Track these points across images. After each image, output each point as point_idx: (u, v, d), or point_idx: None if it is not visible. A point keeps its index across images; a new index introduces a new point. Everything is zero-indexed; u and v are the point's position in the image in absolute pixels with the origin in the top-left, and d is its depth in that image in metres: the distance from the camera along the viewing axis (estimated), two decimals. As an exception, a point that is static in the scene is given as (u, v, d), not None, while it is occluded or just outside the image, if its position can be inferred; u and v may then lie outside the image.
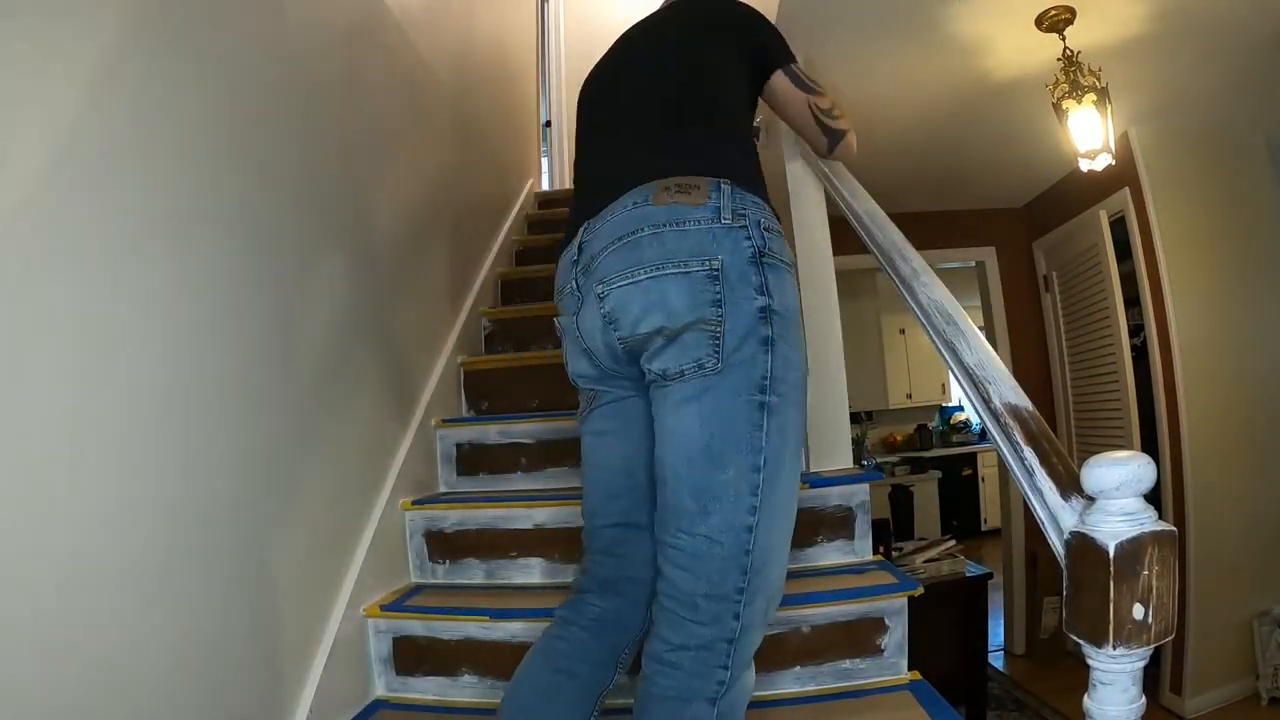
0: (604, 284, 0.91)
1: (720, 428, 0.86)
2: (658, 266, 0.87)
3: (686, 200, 0.89)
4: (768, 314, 0.88)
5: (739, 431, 0.86)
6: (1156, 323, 2.69)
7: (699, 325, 0.86)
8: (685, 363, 0.87)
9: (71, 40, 0.84)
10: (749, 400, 0.86)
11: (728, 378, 0.86)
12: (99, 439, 0.85)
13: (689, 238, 0.87)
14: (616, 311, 0.90)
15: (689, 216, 0.88)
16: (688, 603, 0.86)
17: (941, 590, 2.44)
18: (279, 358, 1.24)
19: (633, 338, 0.90)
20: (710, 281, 0.86)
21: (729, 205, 0.89)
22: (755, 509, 0.86)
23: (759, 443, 0.86)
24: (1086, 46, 1.98)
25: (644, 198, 0.91)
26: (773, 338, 0.88)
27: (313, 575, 1.31)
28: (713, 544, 0.85)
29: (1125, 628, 0.61)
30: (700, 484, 0.86)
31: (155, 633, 0.92)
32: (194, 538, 1.00)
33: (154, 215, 0.96)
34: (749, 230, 0.89)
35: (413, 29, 2.00)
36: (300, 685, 1.22)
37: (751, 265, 0.88)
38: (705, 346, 0.86)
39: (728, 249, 0.87)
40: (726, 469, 0.86)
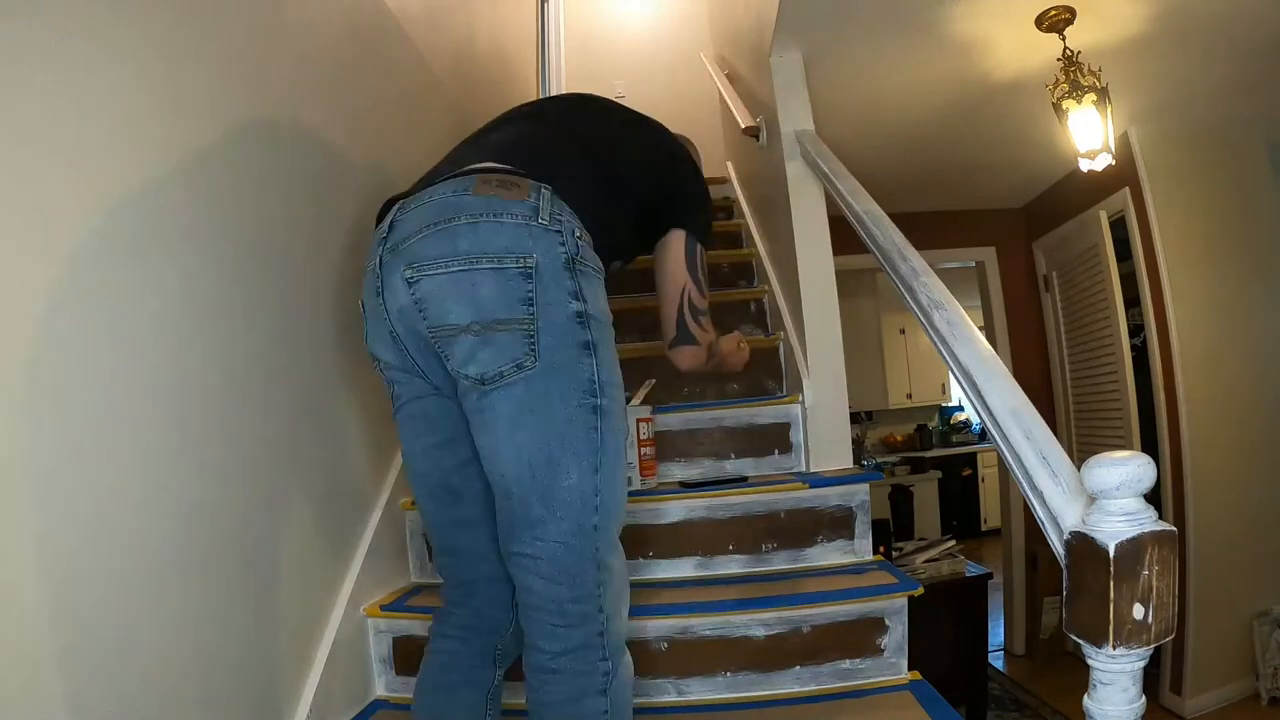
0: (413, 269, 0.87)
1: (558, 434, 0.87)
2: (472, 259, 0.85)
3: (505, 194, 0.88)
4: (584, 319, 0.89)
5: (577, 436, 0.87)
6: (1156, 323, 2.69)
7: (511, 324, 0.85)
8: (502, 364, 0.85)
9: (68, 39, 0.84)
10: (581, 404, 0.88)
11: (554, 382, 0.87)
12: (99, 440, 0.85)
13: (504, 232, 0.86)
14: (426, 300, 0.87)
15: (506, 210, 0.87)
16: (556, 610, 0.88)
17: (941, 590, 2.44)
18: (279, 360, 1.24)
19: (441, 329, 0.87)
20: (523, 279, 0.85)
21: (548, 209, 0.89)
22: (598, 508, 0.89)
23: (595, 443, 0.89)
24: (1086, 46, 1.98)
25: (464, 187, 0.89)
26: (593, 341, 0.89)
27: (313, 575, 1.30)
28: (568, 549, 0.88)
29: (1125, 628, 0.61)
30: (545, 491, 0.87)
31: (156, 633, 0.92)
32: (194, 539, 1.00)
33: (154, 216, 0.96)
34: (564, 236, 0.89)
35: (413, 29, 2.00)
36: (300, 685, 1.22)
37: (565, 270, 0.88)
38: (520, 346, 0.85)
39: (542, 249, 0.86)
40: (570, 474, 0.87)
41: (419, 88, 2.04)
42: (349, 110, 1.57)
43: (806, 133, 1.82)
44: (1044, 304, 3.55)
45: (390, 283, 0.90)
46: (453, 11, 2.45)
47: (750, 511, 1.58)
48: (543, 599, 0.89)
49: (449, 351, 0.88)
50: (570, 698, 0.87)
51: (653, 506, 1.59)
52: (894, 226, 1.29)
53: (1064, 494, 0.74)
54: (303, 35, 1.39)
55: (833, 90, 2.13)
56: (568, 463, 0.87)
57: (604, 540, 0.91)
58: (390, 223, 0.93)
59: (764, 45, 1.97)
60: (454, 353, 0.87)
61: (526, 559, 0.89)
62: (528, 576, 0.89)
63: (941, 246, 3.46)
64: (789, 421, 1.81)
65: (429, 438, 1.00)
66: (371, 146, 1.68)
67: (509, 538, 0.91)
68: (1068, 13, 1.86)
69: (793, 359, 1.88)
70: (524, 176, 0.91)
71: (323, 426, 1.37)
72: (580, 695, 0.87)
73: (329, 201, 1.46)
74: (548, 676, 0.88)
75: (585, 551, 0.89)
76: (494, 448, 0.89)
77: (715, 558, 1.58)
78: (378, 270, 0.93)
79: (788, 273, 1.95)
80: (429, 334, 0.89)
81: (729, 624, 1.37)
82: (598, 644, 0.89)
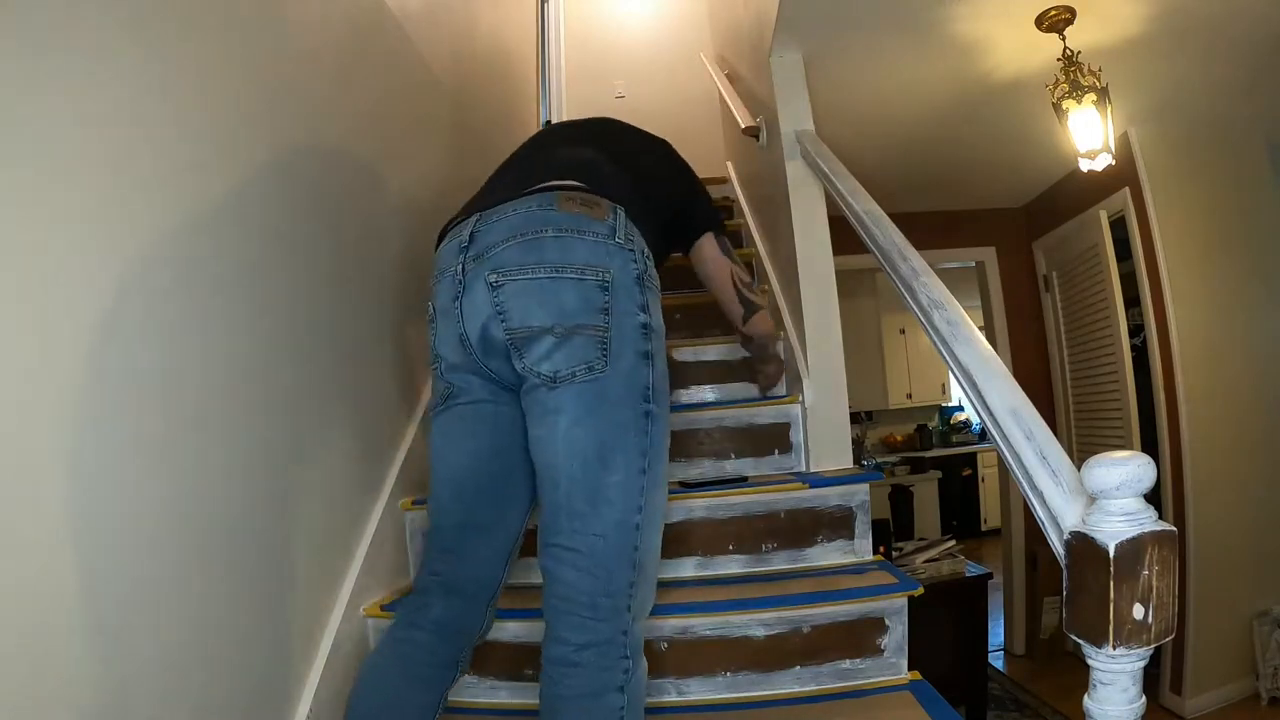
0: (500, 274, 0.94)
1: (611, 433, 0.93)
2: (557, 269, 0.93)
3: (589, 213, 0.96)
4: (648, 330, 0.97)
5: (628, 437, 0.93)
6: (1156, 323, 2.69)
7: (588, 329, 0.92)
8: (575, 364, 0.92)
9: (64, 37, 0.84)
10: (635, 409, 0.94)
11: (614, 385, 0.93)
12: (98, 440, 0.85)
13: (587, 247, 0.94)
14: (509, 303, 0.93)
15: (590, 228, 0.95)
16: (588, 603, 0.91)
17: (941, 590, 2.44)
18: (279, 361, 1.24)
19: (520, 330, 0.93)
20: (601, 291, 0.93)
21: (623, 229, 0.97)
22: (641, 508, 0.94)
23: (644, 446, 0.95)
24: (1086, 46, 1.98)
25: (548, 202, 0.97)
26: (651, 353, 0.97)
27: (313, 575, 1.30)
28: (607, 543, 0.92)
29: (1125, 628, 0.61)
30: (593, 486, 0.92)
31: (155, 632, 0.91)
32: (194, 539, 1.00)
33: (152, 216, 0.96)
34: (635, 254, 0.97)
35: (414, 29, 2.00)
36: (300, 685, 1.22)
37: (636, 284, 0.96)
38: (593, 350, 0.92)
39: (618, 265, 0.95)
40: (616, 471, 0.92)
41: (419, 87, 2.04)
42: (348, 109, 1.57)
43: (806, 133, 1.82)
44: (1044, 304, 3.55)
45: (473, 286, 0.97)
46: (453, 11, 2.45)
47: (750, 511, 1.58)
48: (575, 591, 0.91)
49: (525, 350, 0.94)
50: (590, 692, 0.89)
51: (653, 506, 1.59)
52: (894, 226, 1.29)
53: (1064, 494, 0.74)
54: (303, 34, 1.39)
55: (833, 90, 2.13)
56: (617, 461, 0.92)
57: (643, 541, 0.94)
58: (471, 233, 0.99)
59: (764, 45, 1.97)
60: (530, 351, 0.94)
61: (566, 551, 0.93)
62: (563, 568, 0.93)
63: (941, 246, 3.46)
64: (789, 421, 1.81)
65: (473, 440, 1.04)
66: (372, 147, 1.68)
67: (551, 530, 0.95)
68: (1068, 13, 1.86)
69: (793, 359, 1.88)
70: (602, 196, 0.99)
71: (323, 427, 1.37)
72: (601, 690, 0.89)
73: (331, 205, 1.46)
74: (569, 670, 0.90)
75: (624, 548, 0.92)
76: (551, 440, 0.94)
77: (715, 558, 1.58)
78: (460, 276, 0.98)
79: (788, 273, 1.95)
80: (505, 335, 0.95)
81: (729, 624, 1.37)
82: (622, 641, 0.92)
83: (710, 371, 2.03)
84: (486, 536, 1.05)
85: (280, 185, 1.28)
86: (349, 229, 1.53)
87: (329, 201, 1.45)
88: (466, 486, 1.05)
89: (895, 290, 1.22)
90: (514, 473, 1.04)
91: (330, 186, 1.47)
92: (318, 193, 1.41)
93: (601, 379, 0.92)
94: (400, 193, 1.84)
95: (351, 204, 1.56)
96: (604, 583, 0.91)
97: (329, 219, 1.45)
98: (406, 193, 1.88)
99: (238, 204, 1.15)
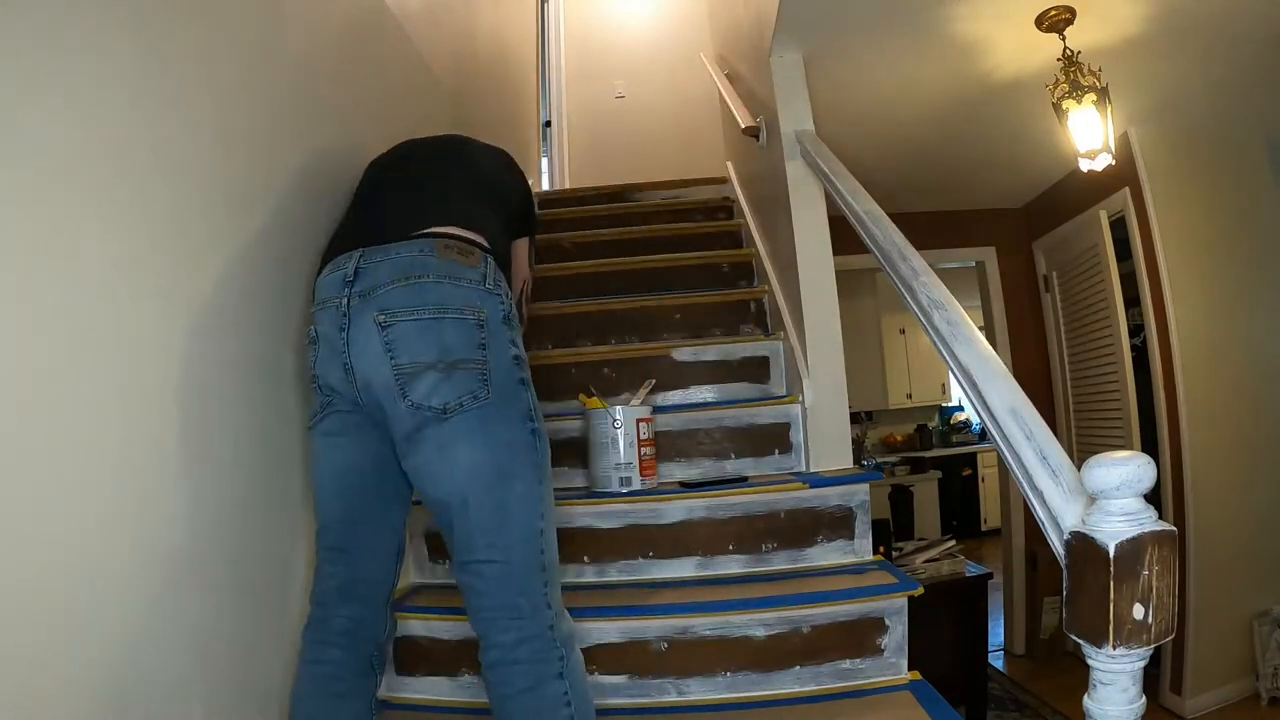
0: (387, 314, 1.03)
1: (506, 454, 1.04)
2: (439, 310, 1.03)
3: (464, 261, 1.07)
4: (519, 361, 1.09)
5: (522, 454, 1.05)
6: (1156, 323, 2.69)
7: (469, 364, 1.02)
8: (461, 395, 1.01)
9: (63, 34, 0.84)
10: (523, 427, 1.06)
11: (501, 410, 1.04)
12: (99, 441, 0.85)
13: (462, 291, 1.05)
14: (397, 342, 1.02)
15: (465, 275, 1.06)
16: (509, 606, 1.01)
17: (941, 590, 2.44)
18: (279, 359, 1.24)
19: (408, 367, 1.02)
20: (478, 329, 1.04)
21: (492, 276, 1.09)
22: (542, 515, 1.05)
23: (536, 460, 1.06)
24: (1086, 46, 1.98)
25: (429, 249, 1.06)
26: (526, 379, 1.09)
27: (313, 575, 1.30)
28: (519, 552, 1.02)
29: (1125, 628, 0.61)
30: (498, 503, 1.02)
31: (155, 632, 0.92)
32: (194, 539, 1.00)
33: (154, 215, 0.96)
34: (502, 297, 1.09)
35: (414, 29, 2.00)
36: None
37: (504, 323, 1.08)
38: (475, 381, 1.02)
39: (491, 307, 1.06)
40: (516, 487, 1.03)
41: (419, 87, 2.04)
42: (348, 110, 1.57)
43: (806, 133, 1.82)
44: (1044, 304, 3.55)
45: (360, 322, 1.04)
46: (453, 11, 2.45)
47: (750, 511, 1.58)
48: (498, 598, 1.01)
49: (411, 386, 1.02)
50: (531, 685, 0.99)
51: (653, 507, 1.59)
52: (894, 226, 1.29)
53: (1064, 494, 0.74)
54: (303, 34, 1.39)
55: (833, 90, 2.13)
56: (516, 475, 1.04)
57: (547, 545, 1.06)
58: (356, 268, 1.07)
59: (764, 45, 1.97)
60: (415, 388, 1.01)
61: (484, 564, 1.02)
62: (483, 581, 1.02)
63: (941, 246, 3.46)
64: (789, 421, 1.81)
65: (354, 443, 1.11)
66: (371, 147, 1.68)
67: (466, 549, 1.03)
68: (1068, 13, 1.86)
69: (793, 359, 1.88)
70: (473, 246, 1.10)
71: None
72: (540, 681, 0.99)
73: (334, 206, 1.46)
74: (509, 669, 1.00)
75: (532, 553, 1.03)
76: (449, 468, 1.02)
77: (715, 558, 1.58)
78: (344, 309, 1.05)
79: (788, 273, 1.95)
80: (393, 370, 1.02)
81: (729, 624, 1.37)
82: (550, 636, 1.02)
83: (710, 371, 2.03)
84: (373, 532, 1.14)
85: (280, 185, 1.28)
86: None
87: (329, 201, 1.45)
88: (349, 484, 1.12)
89: (895, 290, 1.22)
90: (392, 473, 1.12)
91: (331, 187, 1.47)
92: (318, 193, 1.41)
93: (487, 406, 1.02)
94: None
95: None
96: (520, 584, 1.01)
97: (329, 219, 1.45)
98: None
99: (237, 205, 1.15)
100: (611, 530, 1.57)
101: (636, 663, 1.37)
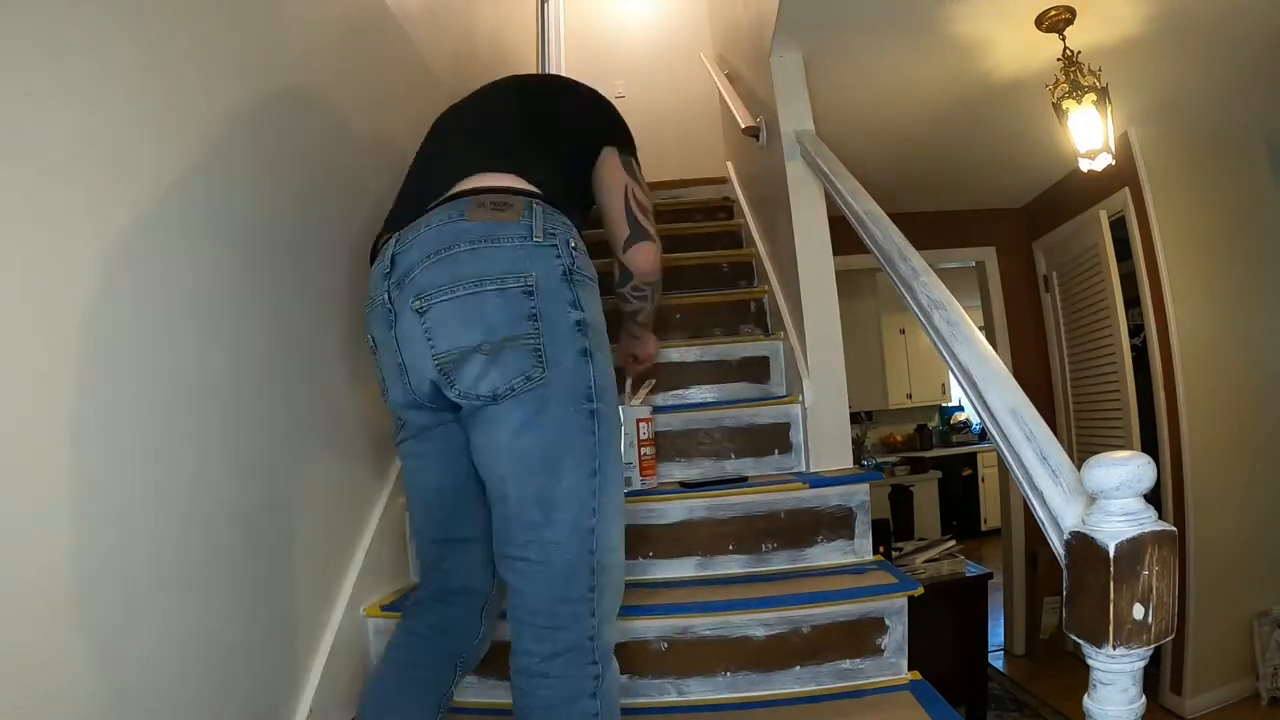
0: (421, 299, 0.90)
1: (556, 438, 0.90)
2: (476, 283, 0.88)
3: (500, 217, 0.91)
4: (583, 326, 0.93)
5: (574, 440, 0.91)
6: (1156, 323, 2.69)
7: (519, 341, 0.89)
8: (512, 378, 0.89)
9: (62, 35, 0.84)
10: (578, 409, 0.91)
11: (556, 389, 0.90)
12: (97, 441, 0.85)
13: (505, 254, 0.89)
14: (435, 328, 0.90)
15: (501, 234, 0.90)
16: (545, 612, 0.90)
17: (941, 590, 2.44)
18: (280, 362, 1.24)
19: (449, 354, 0.90)
20: (526, 297, 0.89)
21: (540, 225, 0.92)
22: (595, 510, 0.91)
23: (592, 448, 0.92)
24: (1086, 46, 1.98)
25: (458, 212, 0.92)
26: (590, 349, 0.93)
27: (313, 575, 1.30)
28: (562, 549, 0.90)
29: (1125, 628, 0.61)
30: (543, 493, 0.90)
31: (155, 632, 0.91)
32: (195, 539, 1.00)
33: (158, 219, 0.96)
34: (559, 249, 0.92)
35: (414, 29, 2.00)
36: (301, 685, 1.22)
37: (564, 281, 0.92)
38: (528, 360, 0.89)
39: (541, 266, 0.90)
40: (565, 476, 0.90)
41: (419, 87, 2.04)
42: (349, 110, 1.57)
43: (806, 133, 1.82)
44: (1044, 304, 3.55)
45: (402, 316, 0.93)
46: (453, 11, 2.45)
47: (750, 511, 1.58)
48: (533, 601, 0.91)
49: (456, 375, 0.90)
50: (561, 701, 0.89)
51: (653, 507, 1.59)
52: (894, 226, 1.29)
53: (1064, 494, 0.74)
54: (302, 34, 1.39)
55: (833, 90, 2.13)
56: (565, 466, 0.90)
57: (601, 543, 0.92)
58: (391, 257, 0.96)
59: (764, 45, 1.97)
60: (463, 376, 0.90)
61: (519, 561, 0.91)
62: (519, 579, 0.92)
63: (941, 246, 3.46)
64: (789, 421, 1.81)
65: (433, 468, 1.05)
66: (372, 147, 1.68)
67: (504, 541, 0.93)
68: (1068, 13, 1.86)
69: (793, 359, 1.88)
70: (511, 195, 0.94)
71: (323, 427, 1.37)
72: (572, 699, 0.89)
73: (335, 205, 1.46)
74: (538, 680, 0.89)
75: (580, 554, 0.91)
76: (495, 454, 0.92)
77: (715, 558, 1.58)
78: (388, 304, 0.95)
79: (788, 273, 1.95)
80: (435, 361, 0.91)
81: (729, 624, 1.37)
82: (588, 647, 0.90)
83: (710, 371, 2.03)
84: (465, 549, 1.07)
85: (279, 186, 1.28)
86: (350, 229, 1.53)
87: (329, 202, 1.45)
88: (435, 507, 1.06)
89: (895, 290, 1.22)
90: (477, 490, 1.02)
91: (330, 188, 1.47)
92: (318, 194, 1.41)
93: (541, 386, 0.89)
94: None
95: (352, 204, 1.55)
96: (561, 590, 0.90)
97: (329, 218, 1.45)
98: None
99: (237, 206, 1.15)
100: (611, 530, 1.57)
101: (636, 662, 1.37)
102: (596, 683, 0.90)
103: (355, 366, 1.50)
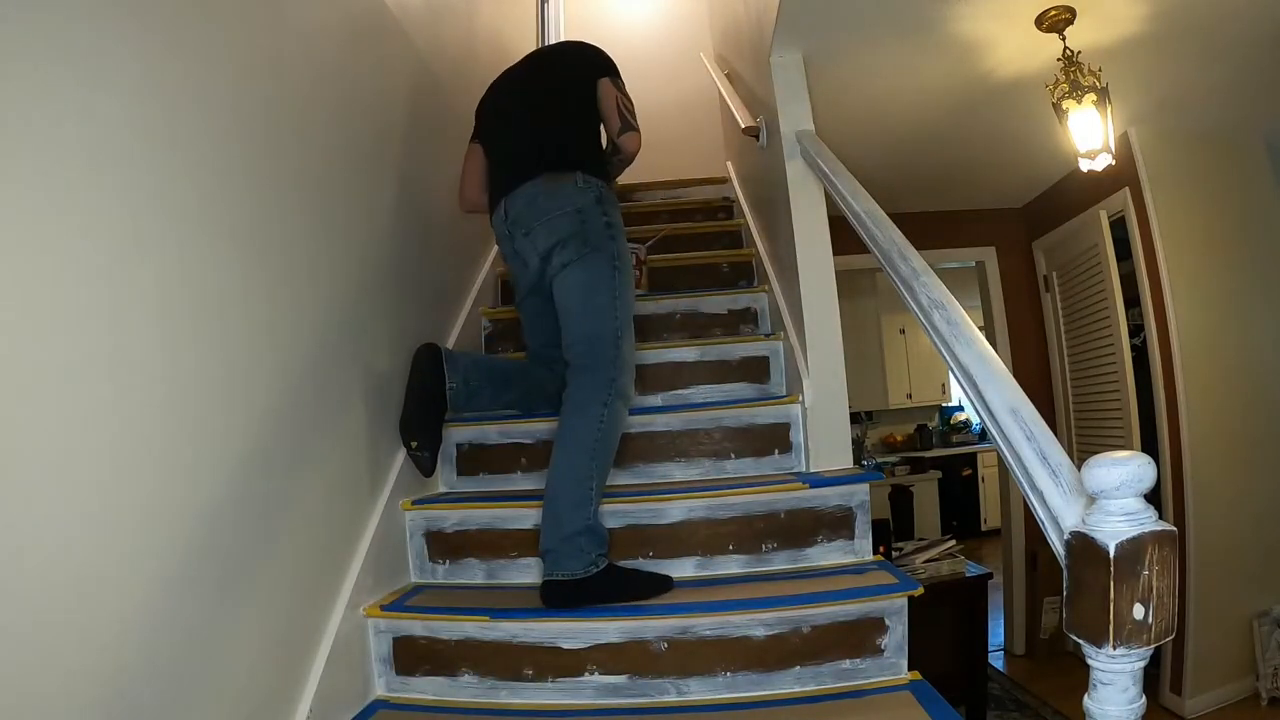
0: (528, 228, 1.65)
1: (593, 277, 1.61)
2: (551, 215, 1.62)
3: (562, 182, 1.64)
4: (610, 225, 1.64)
5: (604, 278, 1.61)
6: (1156, 323, 2.69)
7: (574, 236, 1.61)
8: (572, 256, 1.60)
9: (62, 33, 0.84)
10: (607, 265, 1.62)
11: (596, 257, 1.61)
12: (98, 440, 0.85)
13: (563, 196, 1.62)
14: (536, 238, 1.64)
15: (563, 189, 1.63)
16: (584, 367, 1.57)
17: (941, 590, 2.44)
18: (279, 361, 1.24)
19: (545, 247, 1.63)
20: (577, 215, 1.62)
21: (580, 180, 1.64)
22: (617, 316, 1.61)
23: (614, 284, 1.61)
24: (1086, 46, 1.98)
25: (539, 184, 1.64)
26: (614, 232, 1.65)
27: (313, 575, 1.31)
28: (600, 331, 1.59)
29: (1125, 628, 0.61)
30: (586, 309, 1.61)
31: (155, 632, 0.92)
32: (195, 539, 1.00)
33: (155, 213, 0.96)
34: (593, 188, 1.65)
35: (414, 29, 2.00)
36: (300, 685, 1.22)
37: (597, 204, 1.64)
38: (579, 245, 1.60)
39: (584, 199, 1.63)
40: (600, 296, 1.60)
41: (419, 87, 2.04)
42: (349, 111, 1.57)
43: (806, 133, 1.82)
44: (1044, 304, 3.55)
45: (518, 237, 1.68)
46: (453, 11, 2.45)
47: (750, 511, 1.58)
48: (579, 362, 1.59)
49: (549, 259, 1.63)
50: (583, 400, 1.53)
51: (653, 507, 1.59)
52: (894, 226, 1.29)
53: (1064, 494, 0.74)
54: (302, 35, 1.39)
55: (833, 90, 2.13)
56: (601, 293, 1.60)
57: (623, 335, 1.60)
58: (505, 209, 1.69)
59: (764, 45, 1.97)
60: (552, 259, 1.63)
61: (579, 342, 1.61)
62: (573, 355, 1.60)
63: (941, 246, 3.46)
64: (789, 421, 1.81)
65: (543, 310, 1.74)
66: (372, 147, 1.68)
67: (569, 336, 1.62)
68: (1068, 13, 1.86)
69: (793, 359, 1.88)
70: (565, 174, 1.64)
71: (323, 427, 1.37)
72: (588, 402, 1.53)
73: (332, 203, 1.46)
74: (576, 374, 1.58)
75: (610, 335, 1.59)
76: (567, 294, 1.63)
77: (715, 558, 1.58)
78: (509, 236, 1.70)
79: (788, 273, 1.95)
80: (539, 255, 1.65)
81: (729, 624, 1.37)
82: (606, 382, 1.54)
83: (710, 371, 2.03)
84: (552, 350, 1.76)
85: (280, 186, 1.28)
86: (353, 229, 1.53)
87: (328, 202, 1.45)
88: (543, 334, 1.80)
89: (895, 290, 1.22)
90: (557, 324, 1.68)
91: (330, 188, 1.47)
92: (318, 194, 1.41)
93: (587, 256, 1.60)
94: (401, 193, 1.84)
95: (352, 203, 1.55)
96: (597, 357, 1.57)
97: (328, 218, 1.45)
98: (407, 192, 1.88)
99: (237, 206, 1.15)
100: (611, 530, 1.57)
101: (636, 663, 1.37)
102: (608, 400, 1.52)
103: (354, 367, 1.51)
